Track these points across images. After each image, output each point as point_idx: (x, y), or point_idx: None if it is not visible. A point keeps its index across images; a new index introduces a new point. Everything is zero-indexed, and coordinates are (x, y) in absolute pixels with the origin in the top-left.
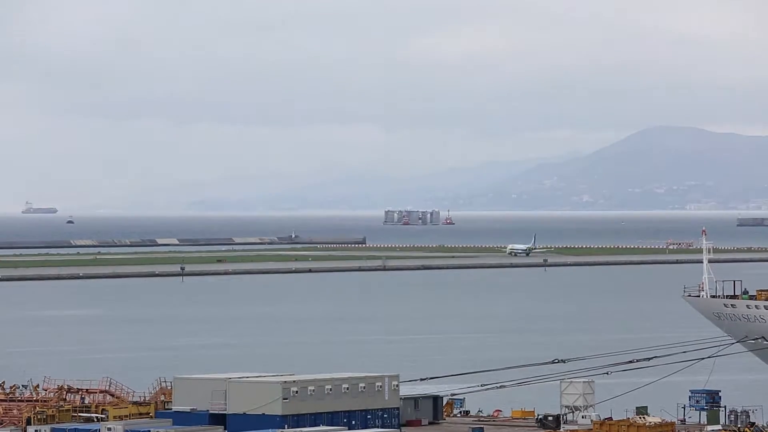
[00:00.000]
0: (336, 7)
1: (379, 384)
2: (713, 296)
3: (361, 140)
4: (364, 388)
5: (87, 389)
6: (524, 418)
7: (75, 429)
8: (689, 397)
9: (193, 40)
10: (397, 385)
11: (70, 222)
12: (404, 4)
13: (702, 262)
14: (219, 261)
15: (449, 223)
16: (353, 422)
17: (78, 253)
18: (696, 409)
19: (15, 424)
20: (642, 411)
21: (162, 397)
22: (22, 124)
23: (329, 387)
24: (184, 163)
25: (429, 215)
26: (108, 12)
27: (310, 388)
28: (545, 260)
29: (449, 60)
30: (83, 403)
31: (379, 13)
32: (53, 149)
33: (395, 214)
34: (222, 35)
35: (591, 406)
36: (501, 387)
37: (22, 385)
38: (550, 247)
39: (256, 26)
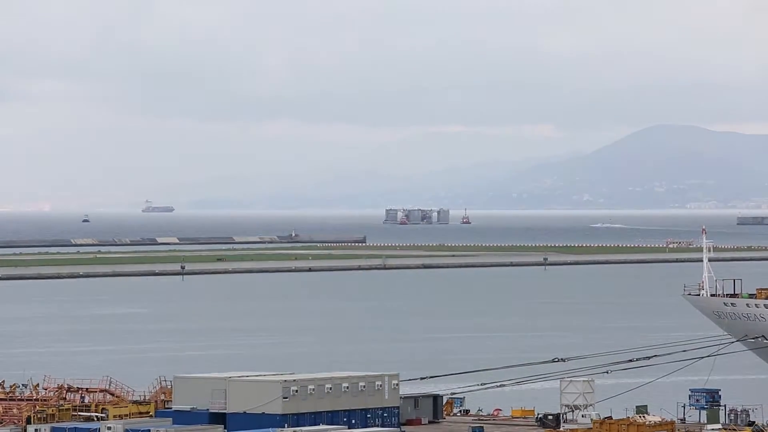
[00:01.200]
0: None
1: (379, 383)
2: (713, 295)
3: (361, 138)
4: (364, 387)
5: (87, 388)
6: (524, 417)
7: (75, 428)
8: (689, 396)
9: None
10: (397, 384)
11: (85, 221)
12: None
13: (702, 261)
14: (219, 260)
15: (466, 222)
16: (353, 421)
17: (78, 252)
18: (696, 408)
19: (15, 423)
20: (642, 410)
21: (162, 396)
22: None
23: (329, 386)
24: (185, 162)
25: (436, 214)
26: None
27: (310, 387)
28: (545, 259)
29: (452, 58)
30: (83, 402)
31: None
32: (52, 147)
33: (398, 213)
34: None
35: (591, 405)
36: (501, 386)
37: (22, 384)
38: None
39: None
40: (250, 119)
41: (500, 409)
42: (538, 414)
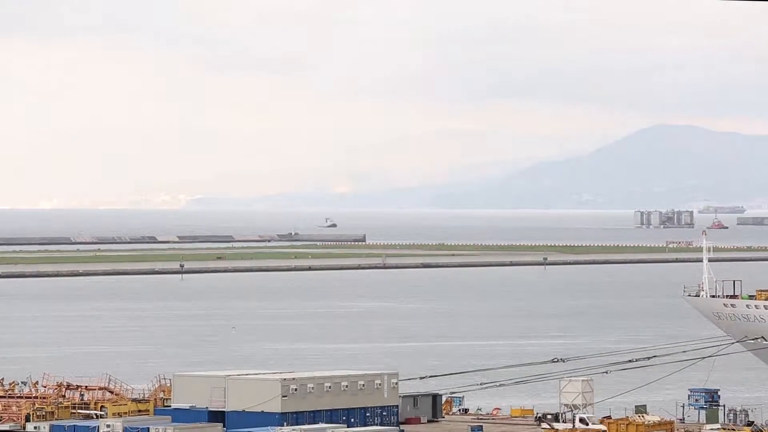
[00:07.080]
0: None
1: (378, 382)
2: (713, 296)
3: (361, 138)
4: (364, 385)
5: (86, 386)
6: (523, 417)
7: (74, 426)
8: (688, 395)
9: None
10: (396, 383)
11: (332, 225)
12: None
13: (702, 262)
14: (219, 258)
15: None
16: (352, 420)
17: (78, 250)
18: (695, 408)
19: (14, 420)
20: (641, 410)
21: (161, 394)
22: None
23: (328, 384)
24: (185, 160)
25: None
26: None
27: (309, 385)
28: (545, 258)
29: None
30: (82, 399)
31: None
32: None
33: (652, 216)
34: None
35: (590, 404)
36: (500, 385)
37: (22, 382)
38: None
39: None
40: (252, 113)
41: (499, 408)
42: (537, 413)
